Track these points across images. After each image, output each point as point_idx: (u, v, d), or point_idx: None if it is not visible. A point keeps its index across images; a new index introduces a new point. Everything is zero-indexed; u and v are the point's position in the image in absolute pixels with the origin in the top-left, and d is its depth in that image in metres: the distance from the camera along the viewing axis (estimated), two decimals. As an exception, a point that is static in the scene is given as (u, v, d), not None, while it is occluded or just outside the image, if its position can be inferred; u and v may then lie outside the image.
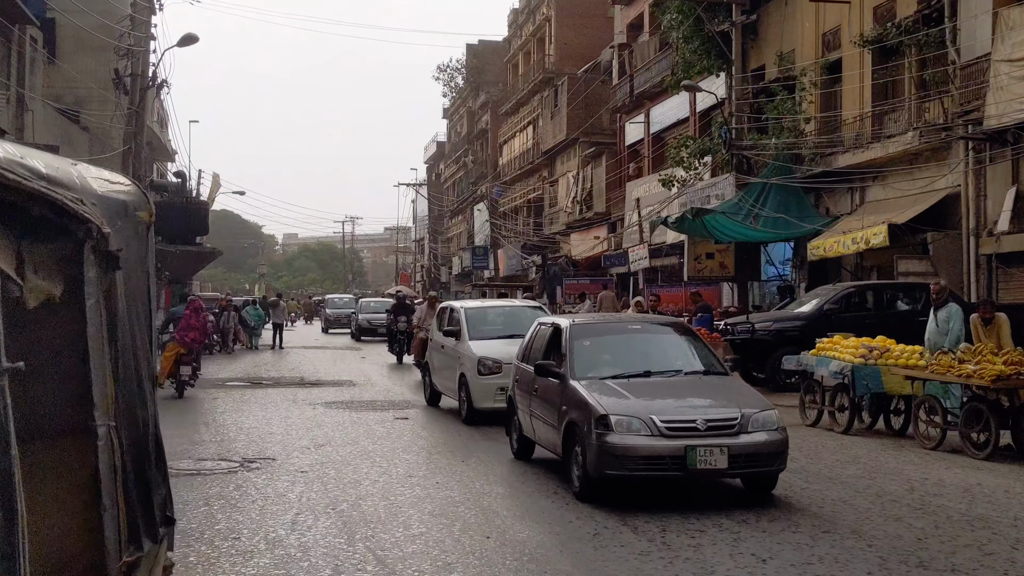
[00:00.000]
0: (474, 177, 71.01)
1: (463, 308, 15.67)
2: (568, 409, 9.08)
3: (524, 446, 10.93)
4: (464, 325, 14.81)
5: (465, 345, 14.37)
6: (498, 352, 13.66)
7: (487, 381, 13.53)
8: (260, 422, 14.19)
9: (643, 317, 14.21)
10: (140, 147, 25.96)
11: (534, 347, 10.81)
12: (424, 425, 14.00)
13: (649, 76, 37.48)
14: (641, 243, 35.08)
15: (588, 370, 9.47)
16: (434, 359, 16.08)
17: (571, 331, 10.03)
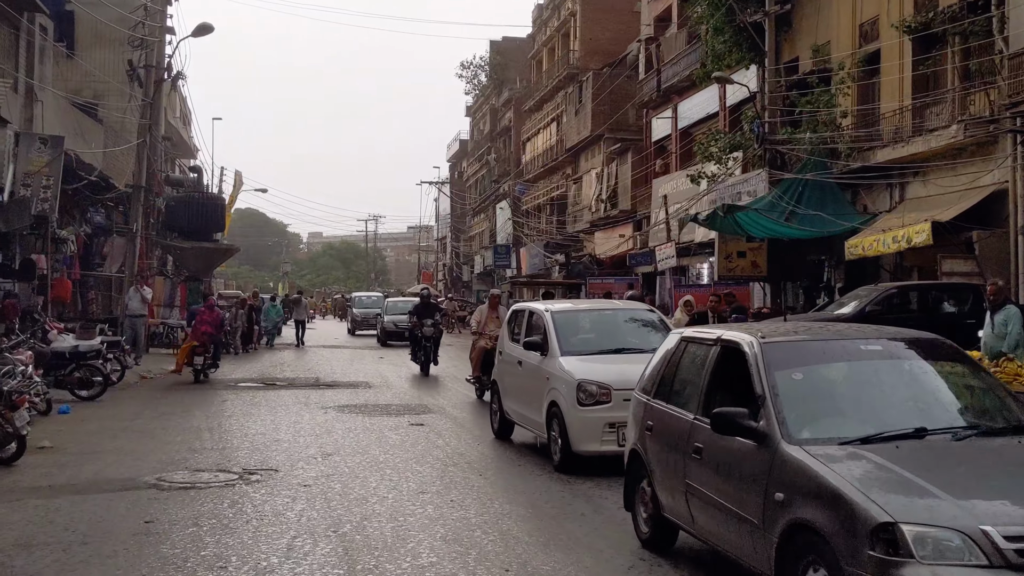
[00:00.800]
0: (496, 175, 70.33)
1: (549, 312, 11.72)
2: (789, 500, 5.34)
3: (661, 528, 7.13)
4: (553, 335, 11.14)
5: (555, 363, 10.82)
6: (605, 374, 10.24)
7: (591, 414, 9.96)
8: (267, 427, 13.43)
9: (877, 330, 7.64)
10: (155, 140, 25.31)
11: (681, 376, 7.08)
12: (440, 433, 13.17)
13: (677, 70, 36.62)
14: (668, 241, 34.16)
15: (815, 426, 5.75)
16: (505, 379, 12.52)
17: (766, 354, 6.11)
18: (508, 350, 12.60)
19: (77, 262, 23.98)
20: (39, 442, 11.39)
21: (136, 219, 23.77)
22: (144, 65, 24.29)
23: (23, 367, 11.86)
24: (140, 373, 20.65)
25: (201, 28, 23.46)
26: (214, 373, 21.08)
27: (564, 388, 10.29)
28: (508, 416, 12.37)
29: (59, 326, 19.37)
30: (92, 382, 16.26)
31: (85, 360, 16.19)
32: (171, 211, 28.23)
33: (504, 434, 12.56)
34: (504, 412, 12.45)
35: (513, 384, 12.19)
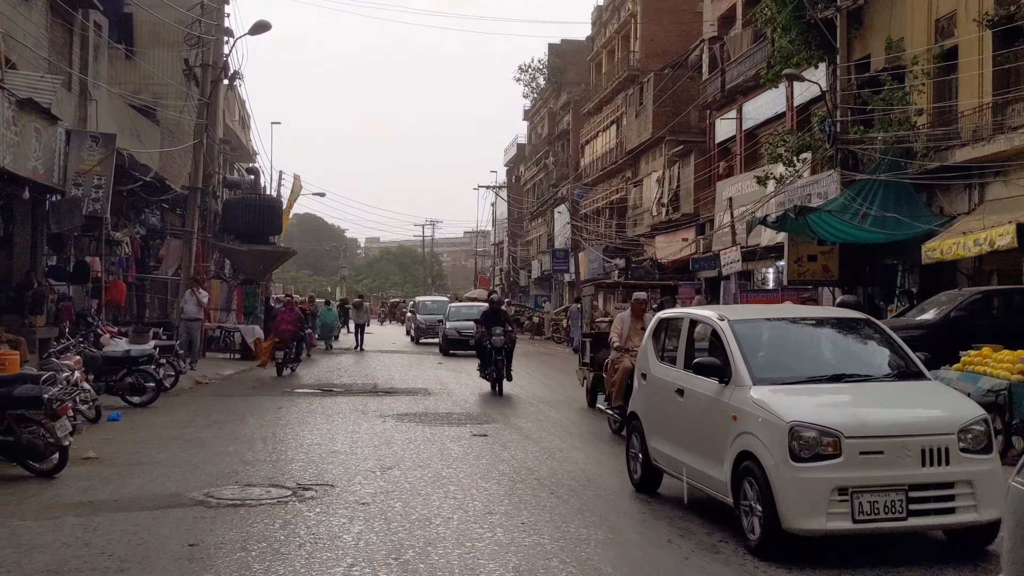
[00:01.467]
0: (555, 179, 69.69)
1: (726, 321, 8.36)
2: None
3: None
4: (738, 355, 7.87)
5: (745, 395, 7.59)
6: (828, 414, 7.19)
7: (812, 474, 6.91)
8: (323, 437, 12.74)
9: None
10: (211, 141, 24.91)
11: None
12: (505, 445, 12.36)
13: (742, 70, 35.66)
14: (734, 245, 33.12)
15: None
16: (654, 412, 9.31)
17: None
18: (658, 373, 9.32)
19: (133, 265, 23.65)
20: (84, 452, 10.81)
21: (192, 221, 23.35)
22: (201, 64, 23.89)
23: (68, 373, 11.29)
24: (195, 378, 20.17)
25: (258, 26, 23.02)
26: (295, 369, 23.39)
27: (766, 434, 7.12)
28: (655, 462, 9.16)
29: (112, 330, 18.96)
30: (144, 388, 15.74)
31: (137, 365, 15.67)
32: (228, 213, 27.83)
33: (649, 486, 9.38)
34: (650, 457, 9.23)
35: (668, 420, 8.95)
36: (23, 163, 14.84)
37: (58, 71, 18.32)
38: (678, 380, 8.75)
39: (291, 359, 22.98)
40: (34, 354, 17.83)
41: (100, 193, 17.30)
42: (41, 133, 15.42)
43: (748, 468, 7.23)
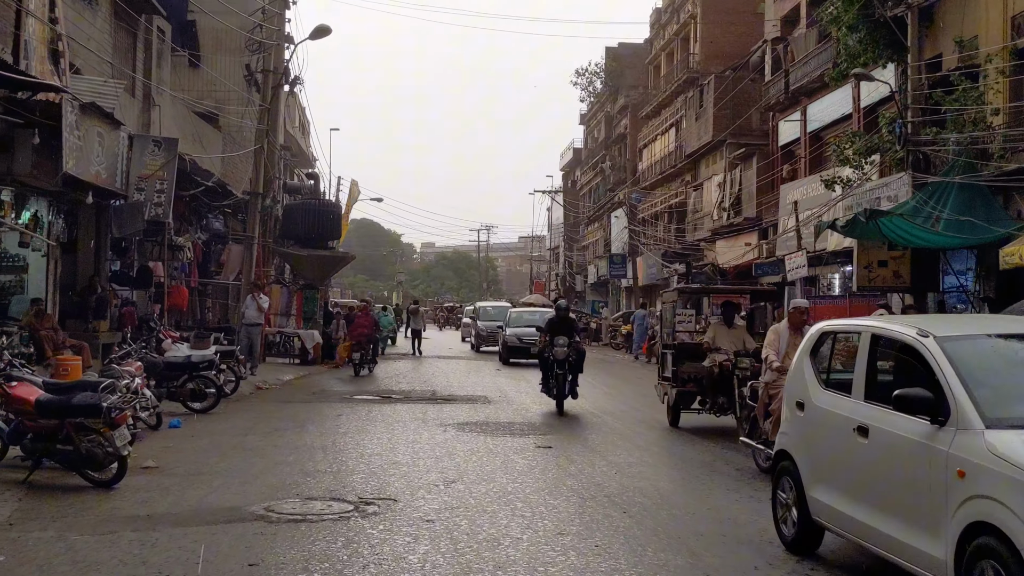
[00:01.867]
0: (611, 183, 69.16)
1: (932, 340, 6.33)
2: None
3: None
4: (955, 386, 5.92)
5: (975, 443, 5.64)
6: None
7: None
8: (384, 447, 12.45)
9: None
10: (273, 146, 24.88)
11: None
12: (571, 458, 11.96)
13: (807, 71, 34.91)
14: (799, 250, 32.35)
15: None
16: (816, 450, 7.41)
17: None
18: (823, 403, 7.37)
19: (195, 269, 23.71)
20: (143, 461, 10.64)
21: (253, 226, 23.32)
22: (262, 70, 23.88)
23: (128, 380, 11.13)
24: (255, 383, 20.07)
25: (319, 30, 22.92)
26: (371, 370, 24.92)
27: (1020, 501, 5.15)
28: (818, 519, 7.24)
29: (174, 335, 18.95)
30: (205, 394, 15.62)
31: (198, 371, 15.55)
32: (287, 218, 27.83)
33: (806, 545, 7.51)
34: (810, 511, 7.30)
35: (841, 467, 6.97)
36: (86, 168, 14.81)
37: (121, 76, 18.36)
38: (858, 415, 6.72)
39: (368, 360, 24.58)
40: (97, 359, 17.85)
41: (162, 198, 17.27)
42: (104, 138, 15.39)
43: (986, 548, 5.29)
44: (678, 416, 15.05)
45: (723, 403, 13.84)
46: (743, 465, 11.56)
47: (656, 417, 15.83)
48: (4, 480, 9.56)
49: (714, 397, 14.07)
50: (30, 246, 16.61)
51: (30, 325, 16.18)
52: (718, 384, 13.75)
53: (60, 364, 14.64)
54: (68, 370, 14.59)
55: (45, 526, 7.97)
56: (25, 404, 9.54)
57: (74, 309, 18.45)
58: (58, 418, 9.42)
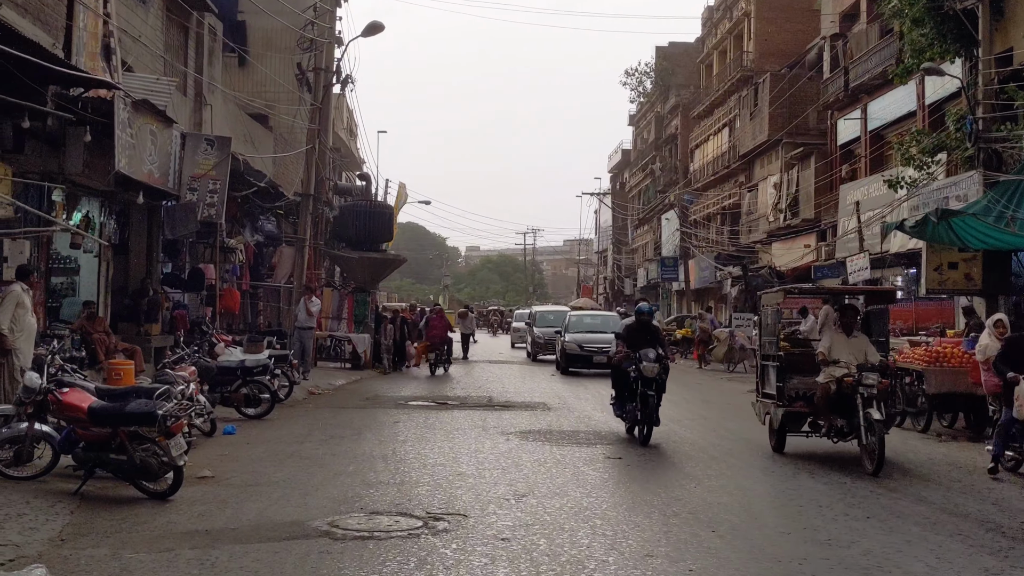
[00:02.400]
0: (662, 185, 68.27)
1: None
2: None
3: None
4: None
5: None
6: None
7: None
8: (446, 457, 11.87)
9: None
10: (324, 146, 24.49)
11: None
12: (644, 469, 11.30)
13: (868, 67, 33.97)
14: (861, 252, 31.41)
15: None
16: None
17: None
18: None
19: (247, 272, 23.36)
20: (199, 471, 10.16)
21: (304, 228, 22.92)
22: (313, 68, 23.50)
23: (183, 385, 10.66)
24: (308, 388, 19.63)
25: (371, 27, 22.48)
26: (447, 370, 26.53)
27: None
28: None
29: (227, 338, 18.57)
30: (259, 399, 15.18)
31: (252, 376, 15.11)
32: (338, 220, 27.43)
33: None
34: None
35: None
36: (138, 167, 14.44)
37: (174, 73, 18.01)
38: None
39: (443, 360, 26.30)
40: (149, 363, 17.52)
41: (215, 198, 16.87)
42: (157, 136, 15.02)
43: None
44: (784, 440, 12.71)
45: (842, 426, 11.77)
46: (834, 480, 10.82)
47: (733, 428, 15.01)
48: (56, 491, 9.12)
49: (830, 419, 11.92)
50: (81, 248, 16.29)
51: (82, 328, 15.86)
52: (836, 404, 11.69)
53: (112, 368, 14.30)
54: (121, 374, 14.25)
55: (98, 542, 7.49)
56: (77, 411, 9.09)
57: (126, 312, 18.14)
58: (111, 426, 8.96)
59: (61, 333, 14.97)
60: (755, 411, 13.74)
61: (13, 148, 12.68)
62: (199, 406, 11.63)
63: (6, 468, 9.49)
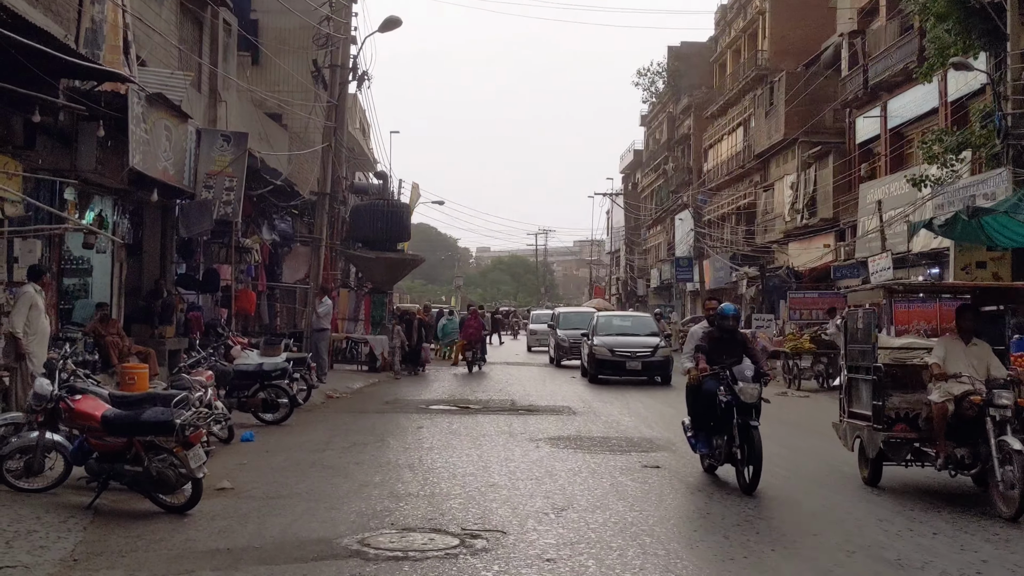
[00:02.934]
0: (674, 185, 67.76)
1: None
2: None
3: None
4: None
5: None
6: None
7: None
8: (476, 466, 11.34)
9: None
10: (340, 144, 23.99)
11: None
12: (686, 480, 10.73)
13: (888, 64, 33.37)
14: (883, 251, 30.81)
15: None
16: None
17: None
18: None
19: (262, 272, 22.85)
20: (218, 482, 9.64)
21: (321, 228, 22.40)
22: (329, 65, 22.99)
23: (200, 391, 10.14)
24: (326, 392, 19.11)
25: (388, 23, 21.99)
26: (481, 367, 28.16)
27: None
28: None
29: (243, 341, 18.07)
30: (277, 404, 14.66)
31: (270, 380, 14.59)
32: (355, 219, 26.84)
33: None
34: None
35: None
36: (153, 163, 13.96)
37: (188, 68, 17.52)
38: None
39: (478, 358, 28.13)
40: (163, 366, 17.04)
41: (231, 196, 16.36)
42: (171, 132, 14.53)
43: None
44: (880, 471, 10.36)
45: (963, 456, 9.46)
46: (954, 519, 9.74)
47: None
48: (68, 505, 8.61)
49: (946, 447, 9.54)
50: (95, 248, 15.80)
51: (95, 331, 15.40)
52: (955, 428, 9.49)
53: (126, 372, 13.83)
54: (135, 379, 13.78)
55: (113, 563, 6.97)
56: (90, 420, 8.58)
57: (139, 314, 17.67)
58: (126, 436, 8.45)
59: (73, 336, 14.51)
60: (838, 434, 11.43)
61: (24, 144, 12.21)
62: (217, 413, 11.12)
63: (16, 480, 8.98)
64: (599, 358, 23.96)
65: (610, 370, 23.86)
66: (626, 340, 24.31)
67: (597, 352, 24.03)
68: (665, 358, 23.81)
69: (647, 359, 23.69)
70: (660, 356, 23.80)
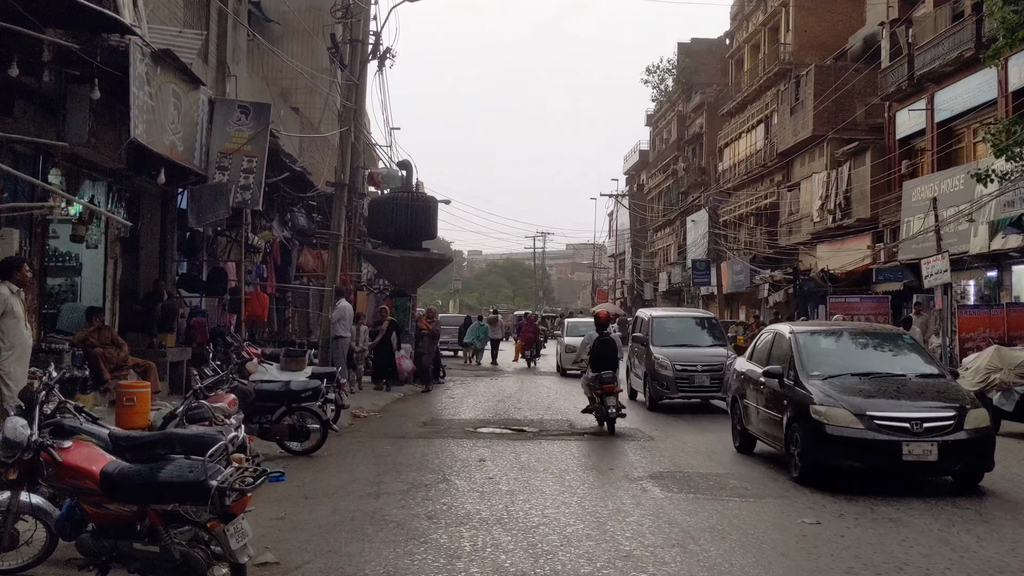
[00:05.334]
0: (685, 186, 65.43)
1: None
2: None
3: None
4: None
5: None
6: None
7: None
8: (585, 521, 8.72)
9: None
10: (359, 128, 21.37)
11: None
12: (861, 541, 8.18)
13: (938, 53, 31.05)
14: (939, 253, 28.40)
15: None
16: None
17: None
18: None
19: (272, 273, 20.18)
20: (258, 553, 7.03)
21: (339, 223, 19.79)
22: (350, 40, 20.39)
23: (234, 431, 7.44)
24: (352, 411, 16.44)
25: (419, -10, 19.46)
26: (535, 363, 31.05)
27: None
28: None
29: (257, 352, 15.47)
30: (307, 431, 12.05)
31: (299, 402, 11.98)
32: (374, 214, 23.90)
33: None
34: None
35: None
36: (159, 136, 11.33)
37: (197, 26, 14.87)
38: None
39: (534, 355, 32.81)
40: (164, 381, 14.46)
41: (251, 179, 13.67)
42: (180, 99, 11.92)
43: None
44: None
45: None
46: None
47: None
48: (50, 598, 6.01)
49: None
50: (84, 241, 13.18)
51: (86, 341, 12.79)
52: None
53: (123, 391, 11.26)
54: (134, 399, 11.22)
55: None
56: (85, 478, 5.91)
57: (136, 320, 15.06)
58: (138, 503, 5.84)
59: (60, 347, 11.90)
60: None
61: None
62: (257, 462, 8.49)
63: (-22, 557, 6.35)
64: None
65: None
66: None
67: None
68: None
69: None
70: None
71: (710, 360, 18.57)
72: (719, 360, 18.20)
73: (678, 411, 18.43)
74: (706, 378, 18.33)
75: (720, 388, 17.08)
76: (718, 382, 17.50)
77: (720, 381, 17.06)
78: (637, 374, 20.12)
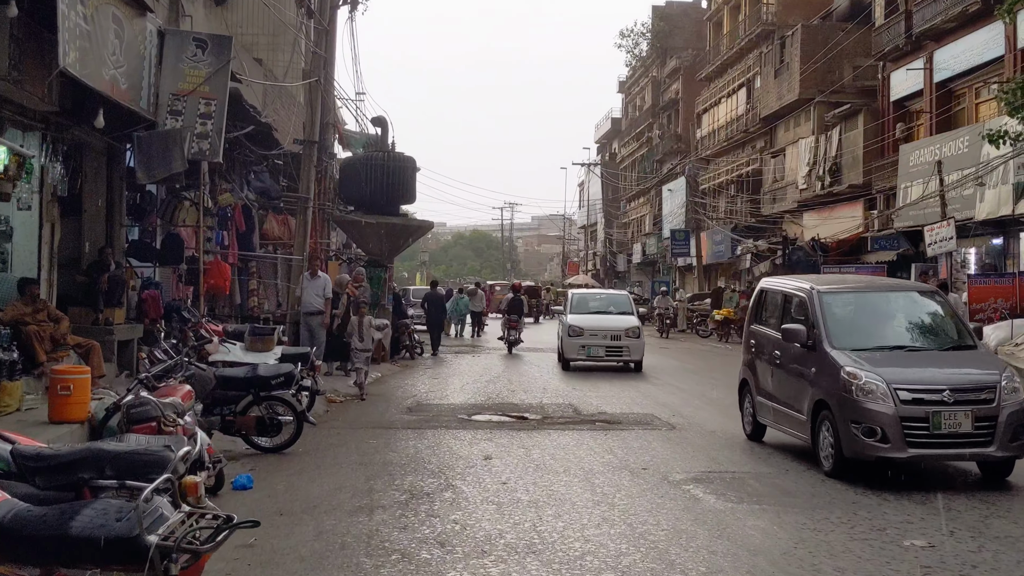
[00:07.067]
0: (660, 154, 63.83)
1: None
2: None
3: None
4: None
5: None
6: None
7: None
8: (627, 539, 6.94)
9: None
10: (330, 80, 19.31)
11: None
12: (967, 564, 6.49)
13: (938, 9, 29.56)
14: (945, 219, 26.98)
15: None
16: None
17: None
18: None
19: (234, 240, 18.14)
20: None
21: (307, 184, 17.77)
22: (319, -20, 18.31)
23: (188, 445, 5.50)
24: (327, 396, 14.51)
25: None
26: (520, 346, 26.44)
27: None
28: None
29: (217, 329, 13.51)
30: (278, 423, 10.14)
31: (268, 390, 10.05)
32: (345, 176, 21.68)
33: None
34: None
35: None
36: (96, 68, 9.28)
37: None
38: None
39: (516, 339, 27.23)
40: (111, 363, 12.51)
41: (209, 126, 11.61)
42: (123, 27, 9.87)
43: None
44: None
45: None
46: None
47: None
48: None
49: None
50: (15, 200, 11.13)
51: (16, 319, 10.82)
52: None
53: (59, 378, 9.41)
54: (71, 388, 9.39)
55: None
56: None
57: (78, 293, 13.06)
58: (40, 563, 3.94)
59: (-21, 326, 9.94)
60: None
61: None
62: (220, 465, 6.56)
63: None
64: None
65: None
66: None
67: None
68: None
69: None
70: None
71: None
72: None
73: (662, 382, 16.74)
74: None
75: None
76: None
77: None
78: None
